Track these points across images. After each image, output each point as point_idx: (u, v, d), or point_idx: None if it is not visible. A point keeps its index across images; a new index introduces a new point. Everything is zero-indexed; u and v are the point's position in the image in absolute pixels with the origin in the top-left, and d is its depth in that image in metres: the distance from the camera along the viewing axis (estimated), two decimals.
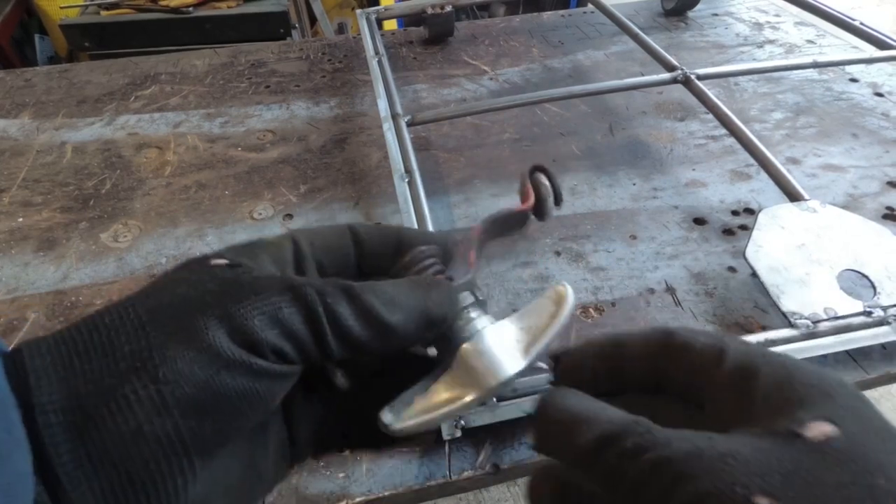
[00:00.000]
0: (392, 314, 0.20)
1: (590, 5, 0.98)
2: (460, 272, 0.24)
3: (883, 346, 0.45)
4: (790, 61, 0.76)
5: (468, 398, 0.22)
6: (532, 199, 0.28)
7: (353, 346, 0.20)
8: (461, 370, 0.22)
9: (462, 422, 0.39)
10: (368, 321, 0.20)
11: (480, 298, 0.24)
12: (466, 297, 0.24)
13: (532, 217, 0.28)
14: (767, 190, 0.61)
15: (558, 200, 0.28)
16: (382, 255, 0.24)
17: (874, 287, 0.46)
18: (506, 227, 0.28)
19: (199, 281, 0.20)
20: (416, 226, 0.51)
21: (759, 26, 0.96)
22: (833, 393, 0.17)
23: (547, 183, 0.28)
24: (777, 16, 1.00)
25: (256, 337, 0.18)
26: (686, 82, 0.69)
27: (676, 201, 0.61)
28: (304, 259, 0.23)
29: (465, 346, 0.23)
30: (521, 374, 0.23)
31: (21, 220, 0.61)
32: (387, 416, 0.21)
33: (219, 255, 0.21)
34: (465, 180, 0.65)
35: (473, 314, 0.24)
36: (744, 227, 0.58)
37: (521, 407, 0.39)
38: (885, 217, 0.58)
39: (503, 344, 0.23)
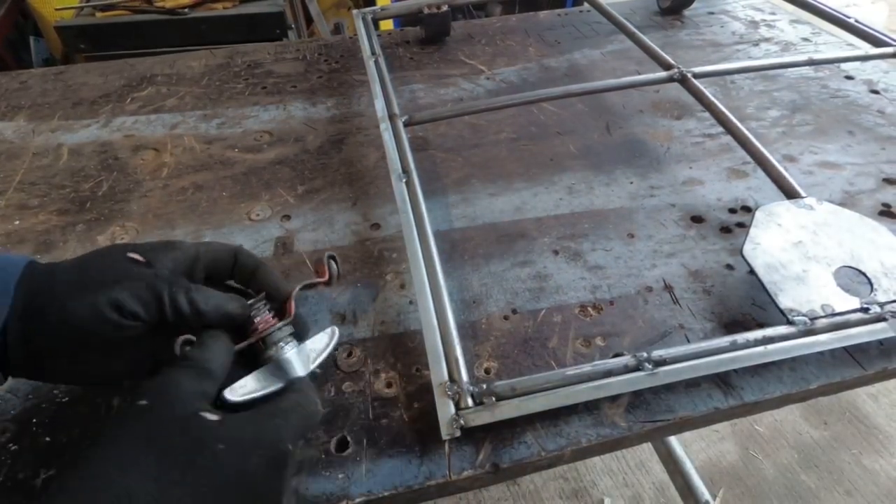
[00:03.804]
0: (204, 304, 0.36)
1: (586, 4, 0.98)
2: (284, 317, 0.41)
3: (880, 342, 0.45)
4: (786, 59, 0.76)
5: (273, 387, 0.38)
6: (326, 276, 0.45)
7: (180, 316, 0.35)
8: (273, 371, 0.38)
9: (462, 421, 0.39)
10: (192, 305, 0.36)
11: (295, 331, 0.41)
12: (286, 329, 0.40)
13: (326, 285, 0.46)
14: (764, 188, 0.62)
15: (339, 277, 0.47)
16: (246, 272, 0.42)
17: (871, 284, 0.46)
18: (308, 287, 0.44)
19: (110, 266, 0.36)
20: (413, 226, 0.51)
21: (754, 24, 0.97)
22: None
23: (335, 267, 0.45)
24: (772, 14, 1.00)
25: (124, 306, 0.34)
26: (682, 81, 0.69)
27: (674, 199, 0.61)
28: (196, 264, 0.40)
29: (275, 357, 0.39)
30: (305, 376, 0.39)
31: (18, 222, 0.60)
32: (227, 394, 0.35)
33: (137, 250, 0.38)
34: (463, 180, 0.65)
35: (290, 341, 0.40)
36: (741, 225, 0.58)
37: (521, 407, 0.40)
38: (882, 214, 0.59)
39: (301, 360, 0.40)
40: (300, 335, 0.42)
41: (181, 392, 0.32)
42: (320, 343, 0.42)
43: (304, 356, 0.40)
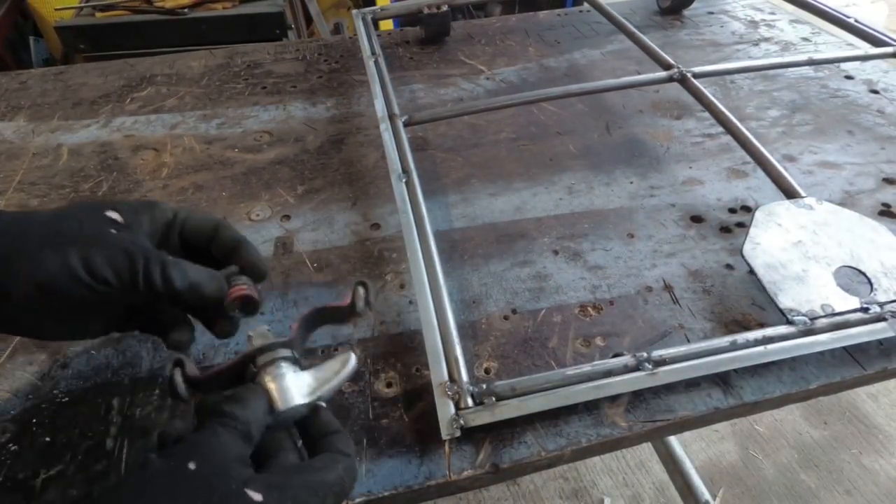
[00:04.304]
0: (180, 282, 0.35)
1: (586, 4, 0.98)
2: (286, 335, 0.37)
3: (880, 342, 0.45)
4: (786, 59, 0.76)
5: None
6: (348, 301, 0.39)
7: (152, 289, 0.34)
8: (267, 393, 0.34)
9: (462, 421, 0.39)
10: (166, 282, 0.35)
11: (297, 356, 0.36)
12: (283, 352, 0.35)
13: (351, 315, 0.40)
14: (764, 187, 0.62)
15: (369, 306, 0.40)
16: (225, 248, 0.40)
17: (871, 283, 0.46)
18: (328, 316, 0.40)
19: (87, 224, 0.35)
20: (413, 226, 0.51)
21: (754, 24, 0.97)
22: None
23: (362, 293, 0.39)
24: (772, 14, 1.00)
25: (95, 269, 0.33)
26: (682, 80, 0.69)
27: (673, 199, 0.61)
28: (171, 229, 0.39)
29: (270, 383, 0.34)
30: (304, 406, 0.34)
31: None
32: None
33: (117, 209, 0.37)
34: (463, 180, 0.65)
35: (283, 363, 0.35)
36: (741, 225, 0.58)
37: (521, 406, 0.40)
38: (881, 213, 0.59)
39: (297, 386, 0.35)
40: (297, 360, 0.37)
41: (228, 459, 0.30)
42: (328, 370, 0.36)
43: (302, 386, 0.35)
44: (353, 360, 0.36)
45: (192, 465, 0.28)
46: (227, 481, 0.28)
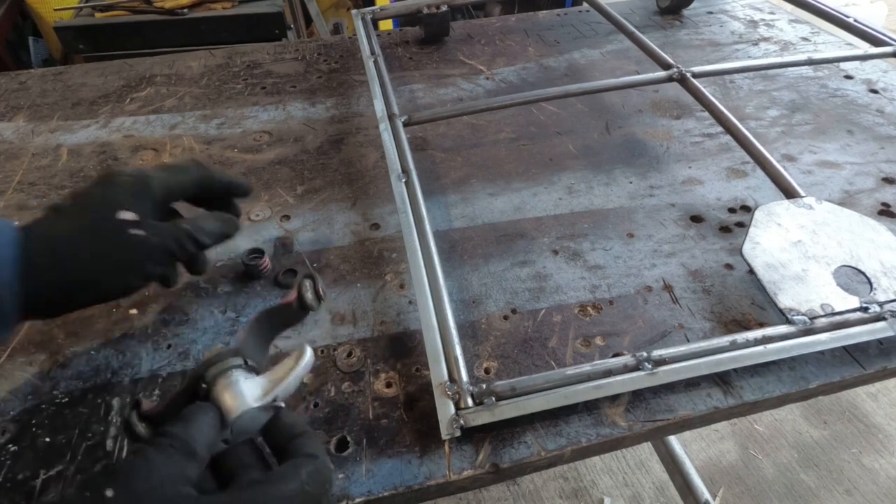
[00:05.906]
0: (208, 239, 0.43)
1: (585, 4, 0.98)
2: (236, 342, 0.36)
3: (880, 341, 0.45)
4: (785, 59, 0.76)
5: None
6: (294, 296, 0.39)
7: (188, 254, 0.42)
8: (220, 406, 0.33)
9: (461, 421, 0.39)
10: (197, 244, 0.42)
11: (250, 363, 0.35)
12: (233, 360, 0.34)
13: (303, 312, 0.40)
14: (764, 187, 0.62)
15: (320, 297, 0.39)
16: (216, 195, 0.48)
17: (870, 283, 0.46)
18: (281, 317, 0.40)
19: (123, 248, 0.38)
20: (413, 226, 0.51)
21: (753, 24, 0.97)
22: None
23: (309, 284, 0.39)
24: (772, 13, 1.00)
25: (152, 276, 0.41)
26: (682, 80, 0.69)
27: (673, 199, 0.61)
28: (167, 195, 0.43)
29: (222, 393, 0.33)
30: (259, 409, 0.33)
31: (17, 223, 0.60)
32: None
33: (124, 205, 0.39)
34: (463, 180, 0.65)
35: (234, 371, 0.34)
36: (740, 225, 0.58)
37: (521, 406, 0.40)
38: (881, 213, 0.59)
39: (250, 390, 0.33)
40: (252, 367, 0.35)
41: (159, 480, 0.27)
42: (282, 369, 0.34)
43: (255, 389, 0.33)
44: (308, 353, 0.35)
45: (108, 493, 0.26)
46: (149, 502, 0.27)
